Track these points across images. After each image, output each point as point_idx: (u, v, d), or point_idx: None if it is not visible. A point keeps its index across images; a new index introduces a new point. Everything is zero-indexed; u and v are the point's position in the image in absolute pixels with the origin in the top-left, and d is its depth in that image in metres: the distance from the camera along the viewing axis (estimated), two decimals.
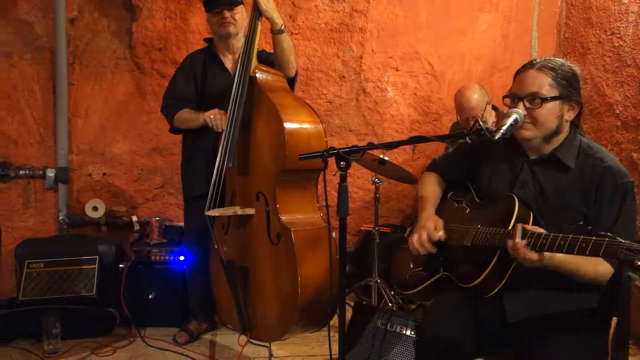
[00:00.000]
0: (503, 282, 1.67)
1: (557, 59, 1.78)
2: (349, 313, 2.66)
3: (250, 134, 2.52)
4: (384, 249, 3.23)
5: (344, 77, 3.94)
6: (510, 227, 1.66)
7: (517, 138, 1.79)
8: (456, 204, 2.03)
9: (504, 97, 1.81)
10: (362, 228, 3.88)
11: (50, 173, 3.61)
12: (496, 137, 1.65)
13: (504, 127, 1.68)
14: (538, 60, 1.76)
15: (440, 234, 1.87)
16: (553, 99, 1.70)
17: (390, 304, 3.08)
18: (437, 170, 2.15)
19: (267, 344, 2.66)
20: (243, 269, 2.52)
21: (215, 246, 2.61)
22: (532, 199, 1.76)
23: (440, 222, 1.91)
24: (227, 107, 2.55)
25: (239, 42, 2.88)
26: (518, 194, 1.77)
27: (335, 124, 3.94)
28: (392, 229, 3.73)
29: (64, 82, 3.60)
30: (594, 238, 1.42)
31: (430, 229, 1.89)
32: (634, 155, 3.14)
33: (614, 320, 1.84)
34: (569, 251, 1.47)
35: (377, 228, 3.17)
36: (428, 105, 4.03)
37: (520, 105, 1.72)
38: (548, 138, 1.75)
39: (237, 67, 2.61)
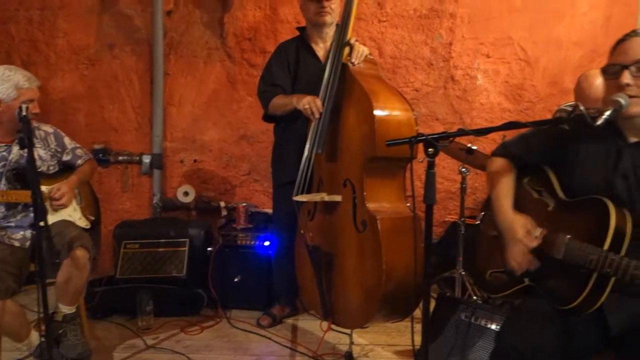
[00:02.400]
0: (601, 302, 1.54)
1: None
2: (432, 305, 2.62)
3: (341, 121, 2.52)
4: (469, 240, 3.13)
5: (432, 64, 3.86)
6: (606, 247, 1.52)
7: (616, 123, 1.64)
8: (536, 195, 1.83)
9: (603, 68, 1.65)
10: (447, 219, 3.79)
11: (146, 159, 3.81)
12: (598, 123, 1.53)
13: (608, 113, 1.54)
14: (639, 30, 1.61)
15: (536, 242, 1.67)
16: None
17: (474, 297, 2.99)
18: (508, 156, 1.90)
19: (348, 331, 2.66)
20: (328, 255, 2.53)
21: (302, 231, 2.64)
22: (636, 191, 1.60)
23: (532, 225, 1.71)
24: (319, 95, 2.57)
25: (331, 31, 2.89)
26: (619, 187, 1.61)
27: (421, 113, 3.86)
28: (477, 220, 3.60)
29: (160, 73, 3.78)
30: None
31: (527, 241, 1.68)
32: None
33: None
34: None
35: (462, 219, 3.08)
36: (520, 93, 3.86)
37: (626, 74, 1.56)
38: None
39: (329, 55, 2.62)
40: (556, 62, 3.81)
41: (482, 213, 2.07)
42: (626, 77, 1.56)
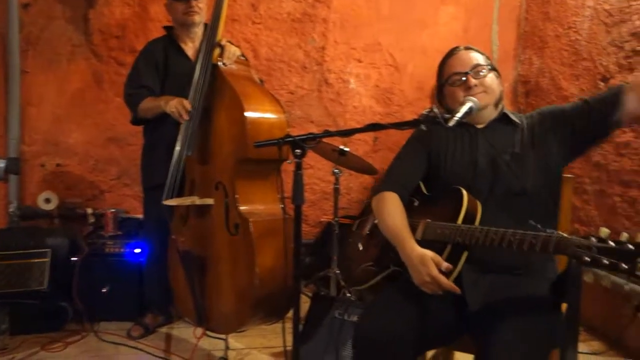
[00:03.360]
0: (456, 273, 1.65)
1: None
2: (307, 305, 2.66)
3: (212, 123, 2.48)
4: (344, 240, 3.21)
5: (306, 67, 3.91)
6: (459, 221, 1.66)
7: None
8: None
9: (448, 81, 1.87)
10: (322, 219, 3.86)
11: (1, 164, 3.48)
12: (450, 124, 1.65)
13: (459, 114, 1.69)
14: (459, 46, 1.92)
15: (445, 264, 1.63)
16: (492, 69, 1.87)
17: (348, 295, 3.07)
18: (394, 188, 1.90)
19: (224, 337, 2.62)
20: (201, 259, 2.47)
21: (173, 236, 2.55)
22: (498, 158, 1.78)
23: (434, 257, 1.64)
24: (189, 96, 2.50)
25: (200, 31, 2.84)
26: (482, 164, 1.78)
27: (296, 115, 3.91)
28: (352, 220, 3.71)
29: (16, 70, 3.48)
30: (543, 235, 1.42)
31: (438, 278, 1.60)
32: None
33: (565, 305, 1.88)
34: (520, 247, 1.47)
35: (336, 219, 3.15)
36: (390, 97, 4.03)
37: (470, 78, 1.81)
38: (496, 105, 1.86)
39: (199, 55, 2.56)
40: (422, 69, 4.03)
41: (357, 221, 2.14)
42: (472, 81, 1.82)
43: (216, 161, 2.45)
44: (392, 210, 1.85)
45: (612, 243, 1.28)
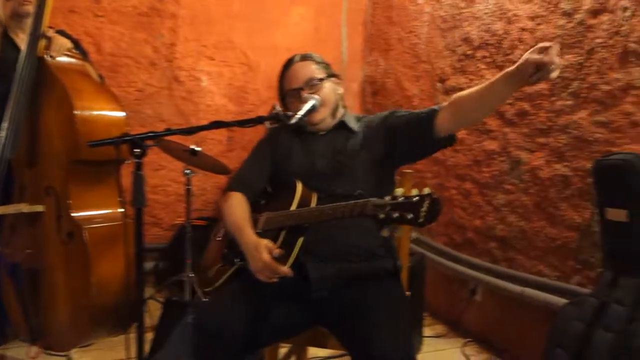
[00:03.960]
0: (292, 258, 1.66)
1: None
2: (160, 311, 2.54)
3: (39, 121, 2.26)
4: (199, 242, 3.12)
5: (155, 64, 3.75)
6: (293, 207, 1.70)
7: (306, 127, 1.90)
8: None
9: (282, 99, 1.95)
10: (176, 222, 3.73)
11: None
12: (292, 121, 1.67)
13: (301, 112, 1.74)
14: (295, 56, 1.95)
15: (277, 250, 1.66)
16: (325, 78, 1.89)
17: (203, 299, 2.99)
18: (239, 189, 1.94)
19: (64, 354, 2.41)
20: (32, 272, 2.25)
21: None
22: (334, 162, 1.84)
23: (268, 244, 1.68)
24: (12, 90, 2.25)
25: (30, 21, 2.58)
26: (319, 165, 1.83)
27: (146, 114, 3.73)
28: (207, 221, 3.63)
29: None
30: (354, 202, 1.50)
31: (270, 263, 1.63)
32: None
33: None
34: (339, 218, 1.55)
35: (189, 221, 3.05)
36: (244, 96, 4.00)
37: (304, 94, 1.84)
38: (333, 114, 1.91)
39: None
40: (275, 67, 3.95)
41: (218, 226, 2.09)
42: (306, 97, 1.84)
43: (46, 163, 2.24)
44: (234, 206, 1.88)
45: (401, 198, 1.39)
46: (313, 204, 1.72)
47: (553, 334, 2.20)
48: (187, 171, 3.06)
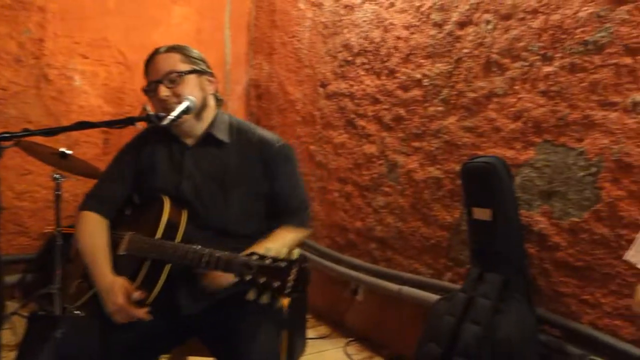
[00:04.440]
0: (157, 289, 1.58)
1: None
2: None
3: None
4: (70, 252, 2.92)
5: (20, 61, 3.46)
6: (158, 235, 1.60)
7: (171, 130, 1.76)
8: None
9: (143, 90, 1.79)
10: (45, 230, 3.47)
11: None
12: (164, 123, 1.60)
13: (175, 113, 1.65)
14: (161, 47, 1.80)
15: (137, 294, 1.56)
16: (189, 72, 1.73)
17: (77, 312, 2.80)
18: (96, 207, 1.78)
19: None
20: None
21: None
22: (203, 186, 1.73)
23: (131, 287, 1.57)
24: None
25: None
26: (186, 188, 1.72)
27: (10, 115, 3.44)
28: None
29: None
30: (217, 255, 1.43)
31: (125, 308, 1.53)
32: (311, 147, 3.47)
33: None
34: (202, 268, 1.48)
35: (59, 229, 2.85)
36: (121, 97, 3.81)
37: (162, 88, 1.70)
38: (198, 114, 1.74)
39: None
40: None
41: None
42: (162, 91, 1.69)
43: None
44: (89, 232, 1.72)
45: (268, 260, 1.30)
46: (182, 223, 1.64)
47: (426, 329, 2.31)
48: (57, 176, 2.87)
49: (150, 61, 1.77)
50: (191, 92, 1.71)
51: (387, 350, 2.90)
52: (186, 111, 1.69)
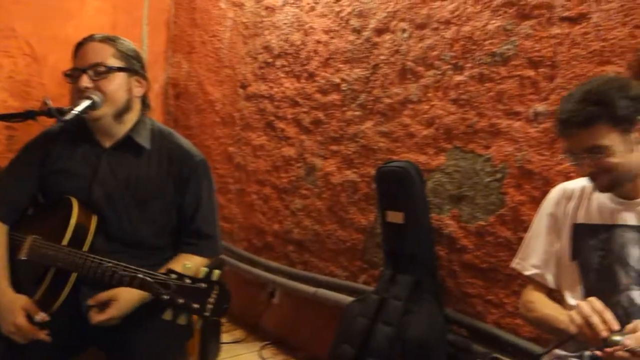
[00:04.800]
0: (61, 298, 1.52)
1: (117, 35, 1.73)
2: None
3: None
4: None
5: None
6: (65, 242, 1.51)
7: (88, 126, 1.68)
8: None
9: (64, 74, 1.70)
10: None
11: None
12: (66, 118, 1.51)
13: (79, 108, 1.56)
14: (97, 34, 1.71)
15: (41, 315, 1.47)
16: (119, 69, 1.65)
17: None
18: None
19: None
20: None
21: None
22: (116, 194, 1.66)
23: (34, 308, 1.49)
24: None
25: None
26: (98, 194, 1.64)
27: None
28: None
29: None
30: (131, 272, 1.37)
31: (24, 329, 1.45)
32: (230, 148, 3.43)
33: None
34: (114, 285, 1.42)
35: None
36: (28, 91, 3.59)
37: (84, 77, 1.62)
38: (119, 116, 1.67)
39: None
40: (66, 62, 3.67)
41: None
42: (84, 81, 1.61)
43: None
44: None
45: (188, 280, 1.26)
46: (91, 229, 1.57)
47: (340, 331, 2.34)
48: None
49: (80, 45, 1.70)
50: (115, 91, 1.63)
51: (302, 352, 2.90)
52: (91, 107, 1.61)
